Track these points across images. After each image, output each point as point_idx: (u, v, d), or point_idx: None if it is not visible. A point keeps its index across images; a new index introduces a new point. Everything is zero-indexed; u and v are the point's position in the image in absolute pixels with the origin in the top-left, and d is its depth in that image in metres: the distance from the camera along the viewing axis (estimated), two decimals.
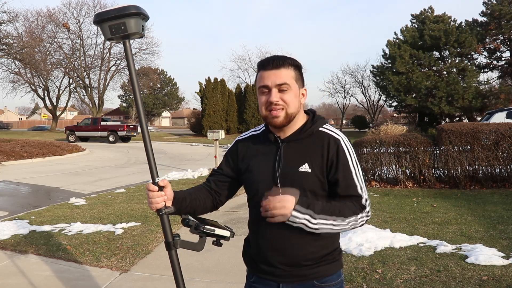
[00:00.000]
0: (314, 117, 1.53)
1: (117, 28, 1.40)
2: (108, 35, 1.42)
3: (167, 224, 1.49)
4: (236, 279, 3.63)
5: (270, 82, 1.44)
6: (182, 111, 77.83)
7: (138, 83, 1.50)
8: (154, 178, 1.46)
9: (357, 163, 1.48)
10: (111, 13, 1.38)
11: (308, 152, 1.47)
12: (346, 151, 1.47)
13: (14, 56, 30.19)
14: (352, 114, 54.01)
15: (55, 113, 41.81)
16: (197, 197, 1.58)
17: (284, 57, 1.48)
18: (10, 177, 10.69)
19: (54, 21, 37.86)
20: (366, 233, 4.54)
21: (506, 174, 7.45)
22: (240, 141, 1.66)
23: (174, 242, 1.50)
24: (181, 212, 1.52)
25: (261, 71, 1.47)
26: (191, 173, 10.48)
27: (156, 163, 1.53)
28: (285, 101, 1.45)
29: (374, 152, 8.09)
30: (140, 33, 1.44)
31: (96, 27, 22.10)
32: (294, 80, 1.46)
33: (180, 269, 1.53)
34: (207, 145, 23.47)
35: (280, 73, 1.44)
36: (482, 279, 3.36)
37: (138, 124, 9.05)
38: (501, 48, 30.51)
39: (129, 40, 1.46)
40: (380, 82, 35.12)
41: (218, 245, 1.50)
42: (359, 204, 1.44)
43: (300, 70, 1.51)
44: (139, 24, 1.42)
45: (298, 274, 1.49)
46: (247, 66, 64.10)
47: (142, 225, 5.45)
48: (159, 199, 1.44)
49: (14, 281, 3.70)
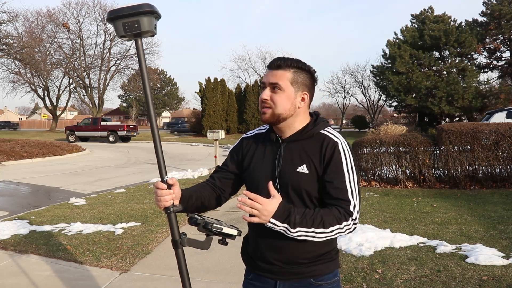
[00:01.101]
0: (317, 119, 1.55)
1: (130, 26, 1.41)
2: (121, 33, 1.43)
3: (174, 222, 1.49)
4: (236, 279, 3.63)
5: (266, 80, 1.50)
6: (182, 111, 77.77)
7: (149, 81, 1.49)
8: (162, 176, 1.47)
9: (353, 169, 1.46)
10: (125, 10, 1.39)
11: (307, 154, 1.48)
12: (342, 154, 1.46)
13: (14, 56, 30.18)
14: (352, 114, 53.98)
15: (55, 113, 41.82)
16: (202, 195, 1.59)
17: (287, 59, 1.49)
18: (10, 177, 10.69)
19: (54, 21, 37.90)
20: (366, 233, 4.54)
21: (506, 174, 7.45)
22: (245, 139, 1.68)
23: (182, 240, 1.49)
24: (187, 210, 1.53)
25: (266, 70, 1.54)
26: (191, 173, 10.49)
27: (156, 163, 1.53)
28: (274, 101, 1.48)
29: (374, 152, 8.09)
30: (153, 32, 1.44)
31: (97, 26, 21.46)
32: (289, 82, 1.47)
33: (186, 268, 1.53)
34: (207, 145, 23.48)
35: (277, 73, 1.48)
36: (482, 279, 3.36)
37: (148, 122, 8.76)
38: (501, 48, 30.51)
39: (141, 38, 1.47)
40: (380, 82, 35.13)
41: (224, 244, 1.50)
42: (345, 210, 1.41)
43: (305, 73, 1.51)
44: (152, 23, 1.43)
45: (295, 271, 1.50)
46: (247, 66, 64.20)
47: (142, 225, 5.45)
48: (167, 197, 1.45)
49: (14, 281, 3.70)
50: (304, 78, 1.50)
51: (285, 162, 1.49)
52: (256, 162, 1.57)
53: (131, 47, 40.64)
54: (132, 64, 41.44)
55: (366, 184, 8.20)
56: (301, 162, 1.47)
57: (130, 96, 62.96)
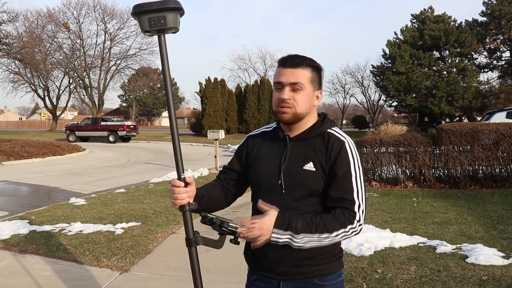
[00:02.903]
0: (324, 119, 1.55)
1: (156, 21, 1.40)
2: (146, 27, 1.42)
3: (189, 221, 1.49)
4: (236, 279, 3.63)
5: (285, 79, 1.45)
6: (182, 111, 77.76)
7: (170, 78, 1.48)
8: (180, 174, 1.47)
9: (359, 168, 1.46)
10: (153, 5, 1.39)
11: (314, 152, 1.48)
12: (349, 153, 1.46)
13: (14, 56, 30.18)
14: (352, 114, 53.99)
15: (55, 113, 41.79)
16: (213, 194, 1.59)
17: (304, 57, 1.48)
18: (10, 177, 10.69)
19: (54, 21, 37.85)
20: (366, 233, 4.54)
21: (506, 174, 7.45)
22: (251, 137, 1.67)
23: (196, 239, 1.48)
24: (200, 209, 1.53)
25: (280, 68, 1.49)
26: (191, 173, 10.48)
27: (156, 163, 1.53)
28: (296, 100, 1.45)
29: (374, 152, 8.09)
30: (176, 28, 1.43)
31: (97, 26, 21.43)
32: (309, 81, 1.46)
33: (199, 267, 1.52)
34: (207, 145, 23.47)
35: (296, 72, 1.45)
36: (482, 279, 3.36)
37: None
38: (501, 48, 30.48)
39: (164, 34, 1.46)
40: (380, 82, 35.11)
41: (236, 243, 1.49)
42: (349, 213, 1.39)
43: (319, 72, 1.51)
44: (177, 19, 1.42)
45: (299, 272, 1.49)
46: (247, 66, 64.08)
47: (142, 225, 5.45)
48: (184, 195, 1.45)
49: (14, 281, 3.70)
50: (319, 76, 1.51)
51: (291, 159, 1.49)
52: (261, 159, 1.57)
53: (131, 47, 40.72)
54: (132, 64, 41.46)
55: (366, 184, 8.19)
56: (307, 160, 1.47)
57: (130, 96, 63.00)
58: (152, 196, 7.59)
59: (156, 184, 9.03)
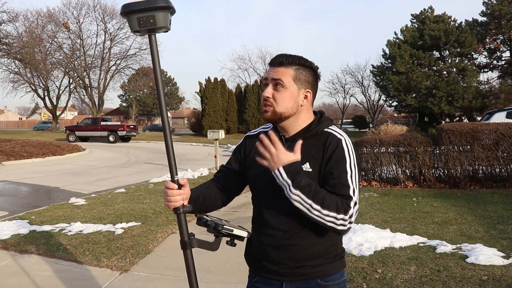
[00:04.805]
0: (321, 117, 1.53)
1: (145, 21, 1.37)
2: (135, 28, 1.40)
3: (184, 223, 1.46)
4: (236, 279, 3.63)
5: (269, 77, 1.47)
6: (182, 111, 77.79)
7: (162, 78, 1.46)
8: (173, 176, 1.44)
9: (355, 167, 1.44)
10: (141, 5, 1.36)
11: (310, 152, 1.46)
12: (346, 151, 1.44)
13: (14, 56, 30.20)
14: (352, 114, 54.04)
15: (55, 113, 41.82)
16: (209, 195, 1.57)
17: (289, 56, 1.47)
18: (10, 177, 10.69)
19: (54, 21, 37.86)
20: (366, 233, 4.54)
21: (506, 174, 7.45)
22: (248, 137, 1.66)
23: (191, 241, 1.47)
24: (195, 211, 1.51)
25: (268, 67, 1.53)
26: (191, 173, 10.49)
27: (156, 163, 1.53)
28: (275, 99, 1.45)
29: (374, 152, 8.09)
30: (167, 27, 1.41)
31: (97, 26, 21.35)
32: (291, 79, 1.45)
33: (194, 269, 1.50)
34: (207, 145, 23.47)
35: (279, 70, 1.45)
36: (482, 279, 3.36)
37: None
38: (501, 48, 30.51)
39: (155, 34, 1.44)
40: (380, 82, 35.15)
41: (232, 245, 1.48)
42: (346, 204, 1.36)
43: (308, 71, 1.49)
44: (167, 18, 1.40)
45: (302, 272, 1.48)
46: (247, 66, 64.21)
47: (142, 225, 5.45)
48: (178, 198, 1.43)
49: (14, 281, 3.70)
50: (307, 75, 1.48)
51: None
52: (258, 161, 1.56)
53: (131, 47, 40.72)
54: (132, 64, 41.45)
55: (366, 184, 8.21)
56: (304, 161, 1.44)
57: (130, 96, 62.97)
58: (152, 196, 7.59)
59: (156, 184, 9.03)
